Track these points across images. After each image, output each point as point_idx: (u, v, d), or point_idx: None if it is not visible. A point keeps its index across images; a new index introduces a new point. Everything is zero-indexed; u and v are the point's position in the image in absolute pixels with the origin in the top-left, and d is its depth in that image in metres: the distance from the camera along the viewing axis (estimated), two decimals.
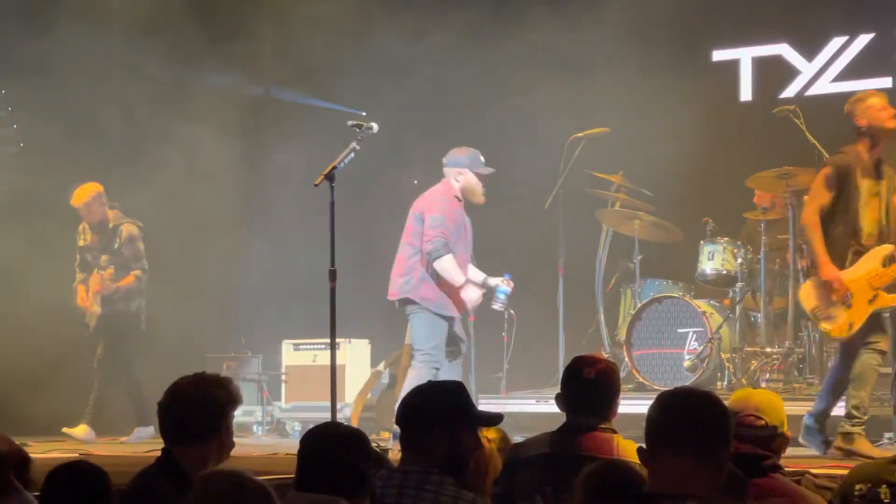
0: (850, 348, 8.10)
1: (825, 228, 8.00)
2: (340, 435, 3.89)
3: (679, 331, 10.29)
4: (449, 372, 9.17)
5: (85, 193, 10.81)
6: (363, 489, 3.81)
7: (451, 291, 9.16)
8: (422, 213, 9.18)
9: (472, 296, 9.17)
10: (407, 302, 9.24)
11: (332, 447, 3.81)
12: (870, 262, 8.01)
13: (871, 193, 8.04)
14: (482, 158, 9.37)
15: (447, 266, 9.03)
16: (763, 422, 4.70)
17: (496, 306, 9.45)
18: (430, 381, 4.93)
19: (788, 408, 7.61)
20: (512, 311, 10.70)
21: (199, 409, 4.28)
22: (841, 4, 11.80)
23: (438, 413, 4.30)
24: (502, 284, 9.39)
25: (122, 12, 12.32)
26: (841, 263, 7.99)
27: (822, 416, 8.19)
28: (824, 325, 8.10)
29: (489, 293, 9.36)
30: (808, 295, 8.11)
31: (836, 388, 8.19)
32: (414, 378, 8.94)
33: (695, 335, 10.19)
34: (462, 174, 9.29)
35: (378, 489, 4.11)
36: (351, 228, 9.79)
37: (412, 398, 4.42)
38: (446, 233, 9.07)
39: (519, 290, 10.83)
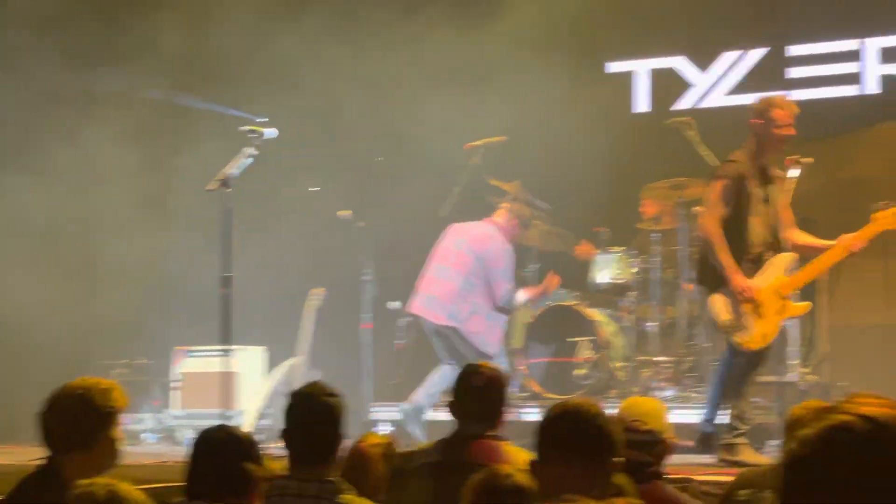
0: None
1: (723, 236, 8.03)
2: (229, 438, 3.88)
3: (573, 340, 10.36)
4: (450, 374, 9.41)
5: None
6: (250, 493, 3.80)
7: (493, 330, 9.75)
8: (487, 261, 9.72)
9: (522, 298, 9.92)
10: (449, 332, 9.66)
11: (221, 450, 3.80)
12: (774, 272, 8.04)
13: (761, 200, 8.11)
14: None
15: (519, 298, 9.87)
16: (646, 427, 4.77)
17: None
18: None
19: (680, 416, 7.79)
20: (409, 319, 10.72)
21: (79, 416, 4.21)
22: (735, 19, 11.99)
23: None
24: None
25: (18, 12, 12.12)
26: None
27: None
28: (739, 337, 7.97)
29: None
30: (719, 307, 8.00)
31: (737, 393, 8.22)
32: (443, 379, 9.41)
33: (588, 344, 10.27)
34: (516, 208, 10.05)
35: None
36: (248, 235, 9.73)
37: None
38: (512, 279, 9.80)
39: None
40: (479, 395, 4.89)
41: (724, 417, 8.22)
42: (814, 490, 1.74)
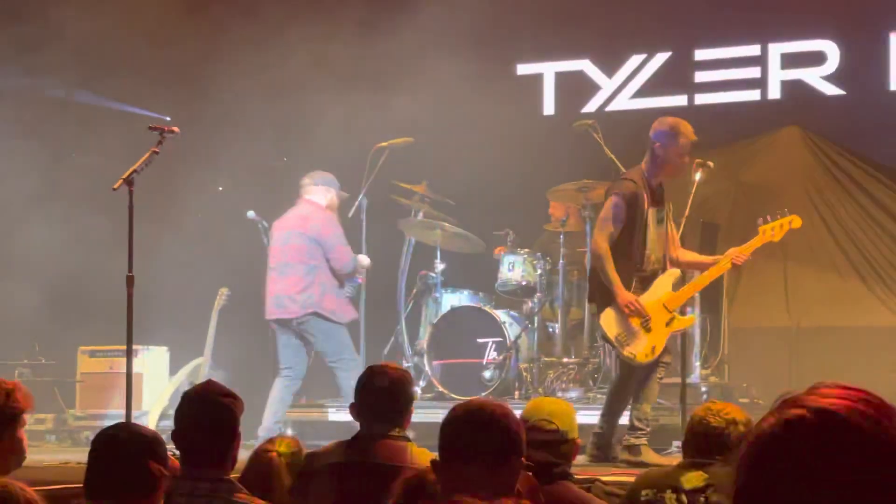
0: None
1: (613, 255, 8.10)
2: (132, 436, 3.82)
3: (479, 340, 10.39)
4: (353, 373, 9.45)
5: None
6: (155, 492, 3.74)
7: (344, 302, 10.00)
8: (318, 236, 9.85)
9: (365, 262, 10.16)
10: (311, 316, 9.78)
11: (122, 448, 3.74)
12: (662, 287, 8.20)
13: (655, 220, 8.21)
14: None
15: (363, 261, 10.17)
16: (553, 426, 4.80)
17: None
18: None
19: (584, 417, 7.83)
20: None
21: None
22: (640, 23, 12.11)
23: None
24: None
25: None
26: (627, 289, 8.13)
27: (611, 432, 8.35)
28: (628, 351, 8.09)
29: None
30: (609, 323, 8.13)
31: (624, 403, 8.36)
32: (349, 384, 9.22)
33: (494, 345, 10.31)
34: (331, 192, 10.06)
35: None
36: (153, 234, 9.66)
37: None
38: (349, 249, 10.00)
39: None
40: (383, 395, 4.88)
41: (623, 419, 8.34)
42: (768, 488, 1.70)
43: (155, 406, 10.73)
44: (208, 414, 4.24)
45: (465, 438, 3.53)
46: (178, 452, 4.29)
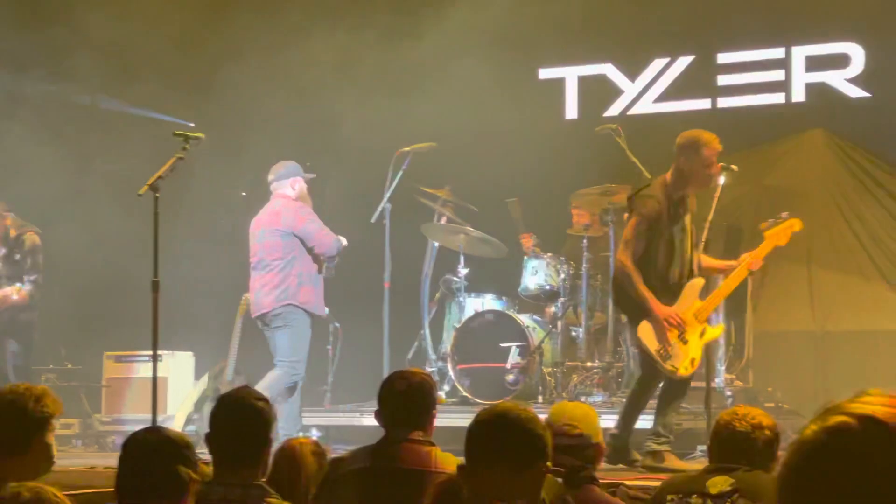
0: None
1: (639, 272, 8.00)
2: (161, 439, 3.83)
3: (502, 345, 10.39)
4: (282, 378, 9.57)
5: None
6: (184, 496, 3.75)
7: (320, 293, 9.81)
8: (289, 228, 9.72)
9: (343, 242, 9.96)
10: (284, 309, 9.65)
11: (152, 452, 3.76)
12: (689, 298, 8.10)
13: (678, 231, 8.17)
14: (300, 167, 10.04)
15: (343, 241, 9.92)
16: (577, 430, 4.80)
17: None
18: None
19: (608, 421, 7.83)
20: (337, 324, 10.73)
21: (9, 422, 4.19)
22: (663, 27, 12.08)
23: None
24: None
25: None
26: None
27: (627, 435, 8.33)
28: (670, 365, 8.00)
29: None
30: (648, 337, 8.02)
31: (642, 408, 8.33)
32: (271, 381, 9.43)
33: (518, 349, 10.31)
34: (297, 182, 9.89)
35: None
36: (177, 240, 9.70)
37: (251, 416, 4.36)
38: (327, 231, 9.84)
39: (345, 303, 10.88)
40: (403, 399, 4.90)
41: (643, 423, 8.31)
42: (812, 496, 1.70)
43: (180, 411, 10.76)
44: (242, 419, 4.26)
45: (491, 443, 3.54)
46: (208, 457, 4.31)
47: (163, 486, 3.70)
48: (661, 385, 8.24)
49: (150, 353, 7.69)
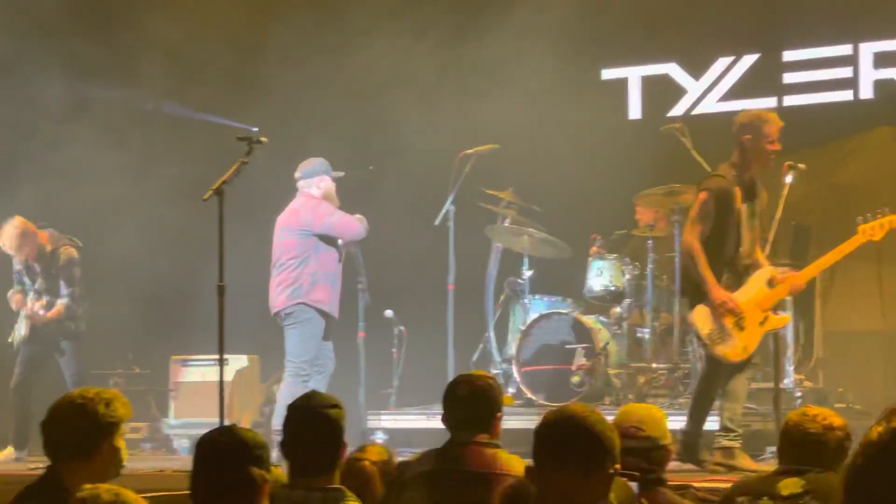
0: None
1: (705, 251, 8.02)
2: (234, 440, 3.79)
3: (567, 347, 10.35)
4: (316, 386, 9.38)
5: (9, 235, 10.46)
6: (257, 497, 3.73)
7: (335, 292, 9.70)
8: (308, 228, 9.65)
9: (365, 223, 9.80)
10: (296, 307, 9.59)
11: (225, 452, 3.74)
12: (755, 285, 8.08)
13: (748, 215, 8.12)
14: (328, 164, 9.96)
15: (362, 225, 9.76)
16: (644, 433, 4.76)
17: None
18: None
19: (675, 423, 7.76)
20: (402, 328, 10.72)
21: (80, 425, 4.22)
22: (727, 25, 11.99)
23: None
24: None
25: (5, 25, 12.12)
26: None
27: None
28: (720, 350, 8.00)
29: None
30: (702, 319, 8.04)
31: (709, 402, 8.26)
32: (286, 391, 9.20)
33: (583, 351, 10.26)
34: (324, 180, 9.84)
35: None
36: (241, 244, 9.72)
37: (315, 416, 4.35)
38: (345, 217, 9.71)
39: (409, 306, 10.88)
40: (467, 403, 4.89)
41: (712, 423, 8.25)
42: (876, 494, 1.67)
43: (246, 414, 10.81)
44: (316, 425, 4.27)
45: (559, 445, 3.51)
46: (282, 462, 4.32)
47: (235, 487, 3.69)
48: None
49: (217, 356, 7.71)
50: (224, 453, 3.74)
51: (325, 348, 9.83)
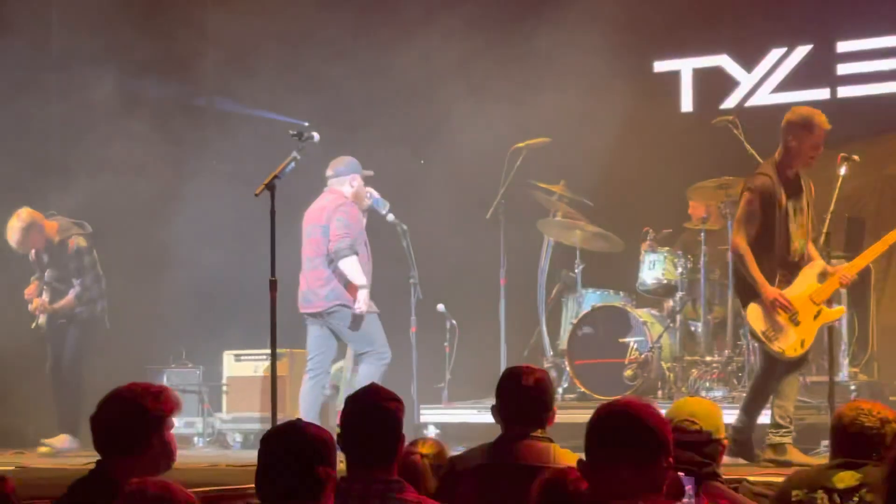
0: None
1: (754, 251, 8.01)
2: (300, 438, 3.77)
3: (620, 340, 10.33)
4: (374, 367, 9.56)
5: (13, 230, 10.55)
6: (322, 495, 3.73)
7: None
8: (326, 222, 9.51)
9: (366, 298, 9.50)
10: (339, 307, 9.51)
11: (289, 450, 3.73)
12: (807, 280, 8.09)
13: (794, 211, 8.09)
14: (359, 163, 9.86)
15: (352, 266, 9.44)
16: (697, 426, 4.74)
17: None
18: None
19: (729, 417, 7.73)
20: (454, 322, 10.72)
21: (129, 420, 4.22)
22: (780, 16, 11.91)
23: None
24: None
25: (62, 22, 12.23)
26: (771, 284, 8.03)
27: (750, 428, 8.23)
28: (777, 346, 8.00)
29: None
30: (756, 317, 8.04)
31: (765, 399, 8.23)
32: (367, 376, 9.23)
33: (636, 344, 10.23)
34: (356, 179, 9.74)
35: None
36: (293, 239, 9.77)
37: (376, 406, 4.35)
38: (351, 234, 9.45)
39: (461, 300, 10.89)
40: (523, 396, 4.87)
41: (764, 418, 8.22)
42: None
43: (299, 409, 10.83)
44: (376, 417, 4.28)
45: (612, 439, 3.50)
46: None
47: (303, 486, 3.68)
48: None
49: (269, 351, 7.74)
50: (291, 451, 3.72)
51: (327, 344, 9.80)
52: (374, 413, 4.29)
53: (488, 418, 5.14)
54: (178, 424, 11.14)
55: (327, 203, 9.67)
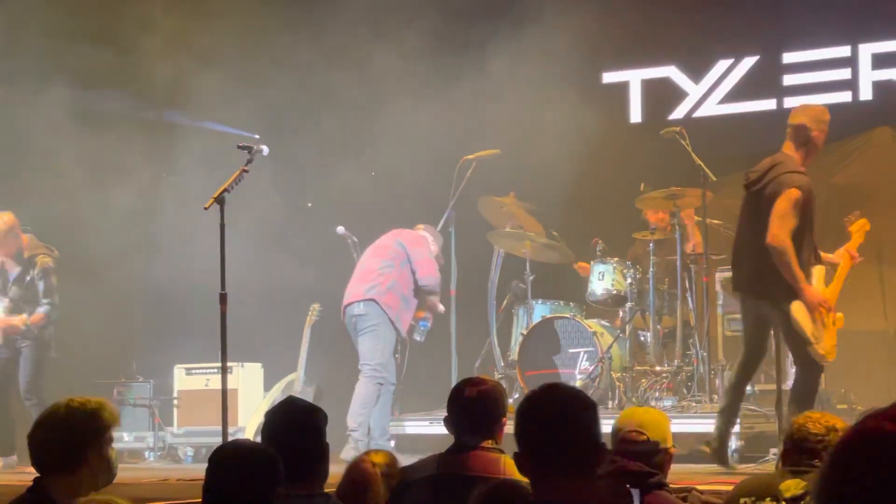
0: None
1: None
2: (248, 453, 3.76)
3: (570, 351, 10.36)
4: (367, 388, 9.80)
5: None
6: None
7: (405, 313, 10.02)
8: (409, 247, 10.06)
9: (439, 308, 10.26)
10: (367, 305, 9.89)
11: (238, 465, 3.70)
12: (818, 284, 7.96)
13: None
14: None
15: (436, 300, 10.18)
16: (644, 437, 4.76)
17: (418, 337, 10.31)
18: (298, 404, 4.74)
19: (679, 426, 7.78)
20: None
21: (64, 437, 4.12)
22: (727, 28, 12.01)
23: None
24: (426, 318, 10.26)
25: (8, 33, 12.15)
26: None
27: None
28: (822, 349, 7.84)
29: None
30: (804, 318, 7.81)
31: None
32: (360, 393, 9.36)
33: (586, 355, 10.27)
34: (435, 244, 10.38)
35: None
36: (244, 252, 9.75)
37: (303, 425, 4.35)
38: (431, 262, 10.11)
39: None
40: (473, 407, 4.88)
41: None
42: (845, 498, 1.68)
43: (250, 422, 10.82)
44: (294, 430, 4.25)
45: (544, 438, 3.42)
46: None
47: (249, 501, 3.67)
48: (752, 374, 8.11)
49: (220, 365, 7.71)
50: (237, 466, 3.70)
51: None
52: (293, 425, 4.27)
53: (440, 430, 5.15)
54: (129, 439, 11.20)
55: (418, 236, 10.29)
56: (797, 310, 7.79)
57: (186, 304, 11.49)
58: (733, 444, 8.97)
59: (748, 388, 8.75)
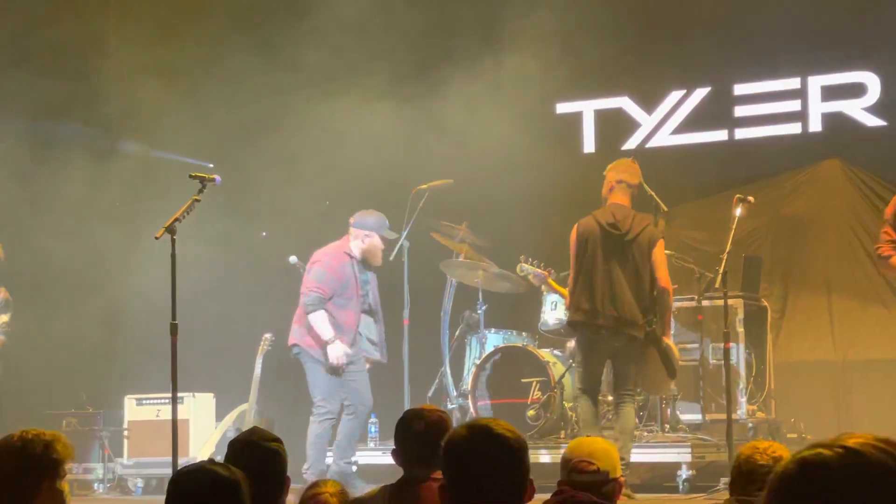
0: None
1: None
2: (212, 479, 3.70)
3: (523, 380, 10.37)
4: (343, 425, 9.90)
5: None
6: None
7: (313, 335, 9.92)
8: (310, 267, 9.97)
9: (336, 352, 9.81)
10: (295, 348, 10.01)
11: (204, 492, 3.65)
12: None
13: None
14: (387, 223, 10.17)
15: (317, 321, 9.82)
16: (594, 467, 4.77)
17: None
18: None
19: (632, 455, 7.78)
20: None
21: (17, 468, 4.11)
22: (678, 59, 12.10)
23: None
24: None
25: None
26: None
27: None
28: None
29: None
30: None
31: None
32: (308, 434, 9.80)
33: (538, 384, 10.29)
34: (369, 237, 10.04)
35: None
36: (196, 281, 9.71)
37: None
38: (323, 287, 9.82)
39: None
40: (422, 439, 4.87)
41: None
42: None
43: (202, 452, 10.76)
44: (256, 461, 4.23)
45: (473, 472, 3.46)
46: None
47: None
48: None
49: (171, 395, 7.67)
50: (202, 493, 3.65)
51: (353, 389, 10.04)
52: (255, 456, 4.26)
53: (392, 460, 5.13)
54: (77, 470, 11.07)
55: (326, 249, 10.05)
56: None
57: (137, 333, 11.43)
58: (684, 473, 9.02)
59: (699, 417, 8.78)
